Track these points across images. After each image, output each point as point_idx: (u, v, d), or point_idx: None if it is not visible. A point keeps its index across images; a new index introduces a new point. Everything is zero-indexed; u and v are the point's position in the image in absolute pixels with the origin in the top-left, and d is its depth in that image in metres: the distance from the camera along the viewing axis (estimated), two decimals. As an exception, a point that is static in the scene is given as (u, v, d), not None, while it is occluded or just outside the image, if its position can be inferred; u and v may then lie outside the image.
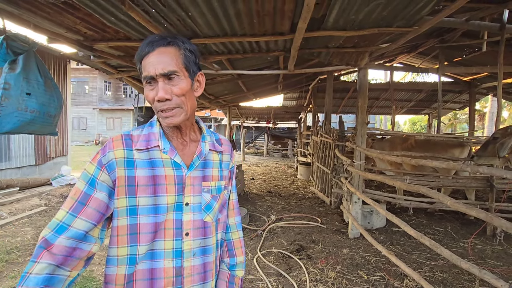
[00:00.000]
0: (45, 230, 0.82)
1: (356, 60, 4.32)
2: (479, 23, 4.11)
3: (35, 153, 7.33)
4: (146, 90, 0.88)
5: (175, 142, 0.95)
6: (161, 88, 0.84)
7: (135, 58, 0.91)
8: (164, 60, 0.85)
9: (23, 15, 2.55)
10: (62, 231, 0.81)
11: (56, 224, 0.82)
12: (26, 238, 4.01)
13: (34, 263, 0.78)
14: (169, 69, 0.85)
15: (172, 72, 0.85)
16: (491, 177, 4.31)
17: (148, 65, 0.85)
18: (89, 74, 24.31)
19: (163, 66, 0.84)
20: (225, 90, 7.79)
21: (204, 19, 2.81)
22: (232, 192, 1.12)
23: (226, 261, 1.09)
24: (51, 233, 0.81)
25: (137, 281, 0.86)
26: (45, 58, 7.03)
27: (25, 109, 2.62)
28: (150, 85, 0.87)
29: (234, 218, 1.12)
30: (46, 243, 0.80)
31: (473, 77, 7.84)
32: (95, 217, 0.84)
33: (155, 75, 0.84)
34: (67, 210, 0.83)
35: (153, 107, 0.89)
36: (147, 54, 0.86)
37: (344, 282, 3.01)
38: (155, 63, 0.84)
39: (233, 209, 1.12)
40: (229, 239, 1.11)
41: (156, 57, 0.85)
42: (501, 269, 3.28)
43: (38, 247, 0.80)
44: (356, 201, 4.38)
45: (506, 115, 21.66)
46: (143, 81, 0.88)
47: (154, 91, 0.86)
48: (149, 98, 0.88)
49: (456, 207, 2.17)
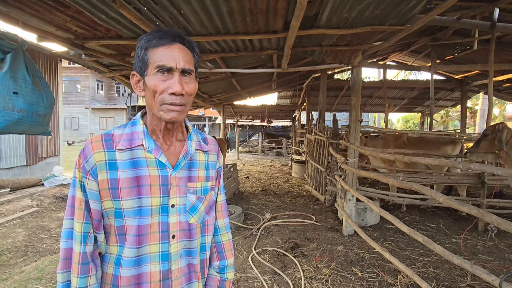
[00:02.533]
0: (62, 242, 0.86)
1: (350, 59, 4.34)
2: (470, 21, 4.15)
3: (26, 153, 7.21)
4: (154, 80, 0.83)
5: (159, 141, 0.92)
6: (178, 82, 0.84)
7: (141, 43, 0.86)
8: (186, 58, 0.85)
9: (12, 12, 2.50)
10: (86, 241, 0.84)
11: (80, 236, 0.84)
12: (18, 239, 3.95)
13: (87, 277, 0.83)
14: (189, 67, 0.86)
15: (190, 71, 0.87)
16: (482, 173, 4.37)
17: (166, 56, 0.83)
18: (81, 73, 24.00)
19: (185, 63, 0.85)
20: (219, 88, 7.76)
21: (197, 17, 2.79)
22: (220, 193, 1.08)
23: (216, 265, 1.06)
24: (80, 245, 0.83)
25: (122, 287, 0.85)
26: (36, 56, 6.92)
27: (12, 109, 2.57)
28: (163, 75, 0.83)
29: (223, 220, 1.09)
30: (82, 256, 0.83)
31: (465, 75, 7.93)
32: (95, 224, 0.86)
33: (175, 68, 0.83)
34: (81, 221, 0.84)
35: (156, 98, 0.84)
36: (163, 44, 0.84)
37: (338, 279, 3.03)
38: (176, 57, 0.84)
39: (221, 211, 1.08)
40: (219, 241, 1.07)
41: (179, 51, 0.85)
42: (492, 264, 3.34)
43: (80, 264, 0.83)
44: (350, 198, 4.41)
45: (497, 112, 22.00)
46: (154, 68, 0.83)
47: (166, 83, 0.83)
48: (159, 88, 0.83)
49: (449, 204, 2.20)
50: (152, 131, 0.92)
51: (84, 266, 0.82)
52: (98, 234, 0.87)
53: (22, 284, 2.87)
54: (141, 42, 0.86)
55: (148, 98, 0.87)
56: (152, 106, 0.87)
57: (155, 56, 0.84)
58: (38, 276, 3.01)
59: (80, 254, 0.82)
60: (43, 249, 3.73)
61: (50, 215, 5.07)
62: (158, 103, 0.85)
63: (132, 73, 0.91)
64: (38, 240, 4.01)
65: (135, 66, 0.89)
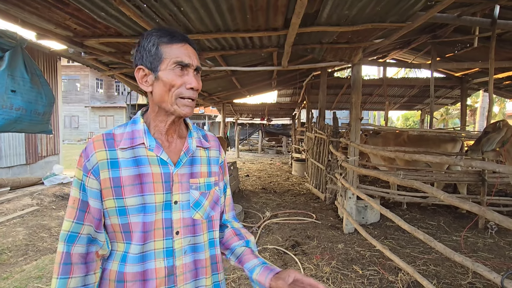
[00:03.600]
0: (59, 244, 0.85)
1: (350, 56, 4.33)
2: (470, 18, 4.14)
3: (25, 152, 7.20)
4: (171, 75, 0.86)
5: (160, 139, 0.93)
6: (195, 77, 0.89)
7: (151, 38, 0.88)
8: (196, 57, 0.91)
9: (10, 10, 2.48)
10: (73, 241, 0.84)
11: (66, 235, 0.85)
12: (18, 238, 3.94)
13: (67, 279, 0.82)
14: (199, 65, 0.92)
15: (200, 70, 0.93)
16: (482, 171, 4.37)
17: (184, 54, 0.87)
18: (80, 72, 23.95)
19: (198, 61, 0.91)
20: (219, 87, 7.75)
21: (197, 14, 2.77)
22: (227, 188, 1.10)
23: (238, 243, 1.04)
24: (64, 244, 0.84)
25: (128, 282, 0.85)
26: (35, 55, 6.88)
27: (10, 107, 2.55)
28: (181, 71, 0.87)
29: (230, 213, 1.12)
30: (65, 255, 0.83)
31: (465, 72, 7.92)
32: (95, 223, 0.86)
33: (191, 65, 0.88)
34: (72, 219, 0.85)
35: (172, 92, 0.86)
36: (179, 43, 0.88)
37: (339, 277, 3.03)
38: (191, 55, 0.89)
39: (229, 204, 1.12)
40: (234, 227, 1.09)
41: (192, 50, 0.90)
42: (493, 262, 3.34)
43: (62, 264, 0.83)
44: (350, 196, 4.41)
45: (497, 110, 22.00)
46: (172, 64, 0.86)
47: (183, 78, 0.87)
48: (177, 83, 0.86)
49: (449, 201, 2.19)
50: (155, 127, 0.92)
51: (65, 267, 0.82)
52: (98, 233, 0.87)
53: (23, 283, 2.87)
54: (152, 38, 0.88)
55: (159, 92, 0.88)
56: (164, 100, 0.87)
57: (171, 52, 0.86)
58: (39, 275, 3.01)
59: (62, 253, 0.83)
60: (44, 248, 3.72)
61: (50, 214, 5.07)
62: (173, 97, 0.87)
63: (139, 67, 0.90)
64: (38, 239, 4.01)
65: (142, 61, 0.89)
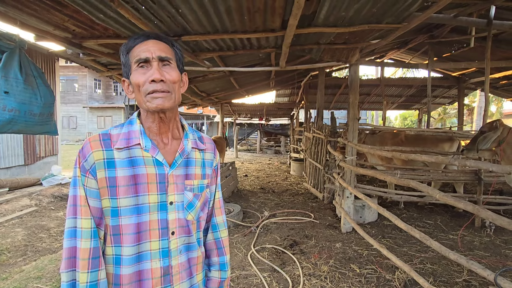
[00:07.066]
0: (65, 241, 0.85)
1: (347, 57, 4.36)
2: (466, 19, 4.17)
3: (24, 152, 7.20)
4: (136, 75, 0.87)
5: (156, 140, 0.93)
6: (156, 69, 0.86)
7: (122, 50, 0.91)
8: (161, 48, 0.89)
9: (9, 12, 2.49)
10: (77, 235, 0.84)
11: (70, 232, 0.85)
12: (17, 239, 3.95)
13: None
14: (166, 54, 0.89)
15: (168, 59, 0.89)
16: (479, 170, 4.41)
17: (142, 51, 0.87)
18: (78, 72, 23.85)
19: (160, 52, 0.88)
20: (217, 87, 7.76)
21: (195, 15, 2.79)
22: (217, 191, 1.10)
23: (215, 261, 1.08)
24: (69, 240, 0.84)
25: (124, 285, 0.86)
26: (33, 55, 6.87)
27: (3, 108, 2.53)
28: (143, 69, 0.87)
29: (221, 217, 1.11)
30: (71, 251, 0.84)
31: (462, 72, 7.96)
32: (96, 220, 0.87)
33: (151, 58, 0.86)
34: (73, 216, 0.85)
35: (141, 92, 0.87)
36: (140, 43, 0.88)
37: (337, 276, 3.06)
38: (151, 48, 0.87)
39: (219, 208, 1.11)
40: (218, 238, 1.09)
41: (153, 44, 0.88)
42: (489, 260, 3.38)
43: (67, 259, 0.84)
44: (348, 196, 4.44)
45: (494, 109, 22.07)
46: (134, 65, 0.87)
47: (146, 75, 0.86)
48: (140, 81, 0.86)
49: (445, 200, 2.22)
50: (149, 128, 0.93)
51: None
52: (99, 230, 0.88)
53: (22, 283, 2.88)
54: (122, 49, 0.91)
55: (136, 96, 0.90)
56: (139, 101, 0.90)
57: (133, 54, 0.88)
58: (38, 275, 3.02)
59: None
60: (43, 248, 3.73)
61: (49, 215, 5.07)
62: (143, 95, 0.88)
63: (123, 80, 0.94)
64: (37, 239, 4.02)
65: (124, 73, 0.93)
